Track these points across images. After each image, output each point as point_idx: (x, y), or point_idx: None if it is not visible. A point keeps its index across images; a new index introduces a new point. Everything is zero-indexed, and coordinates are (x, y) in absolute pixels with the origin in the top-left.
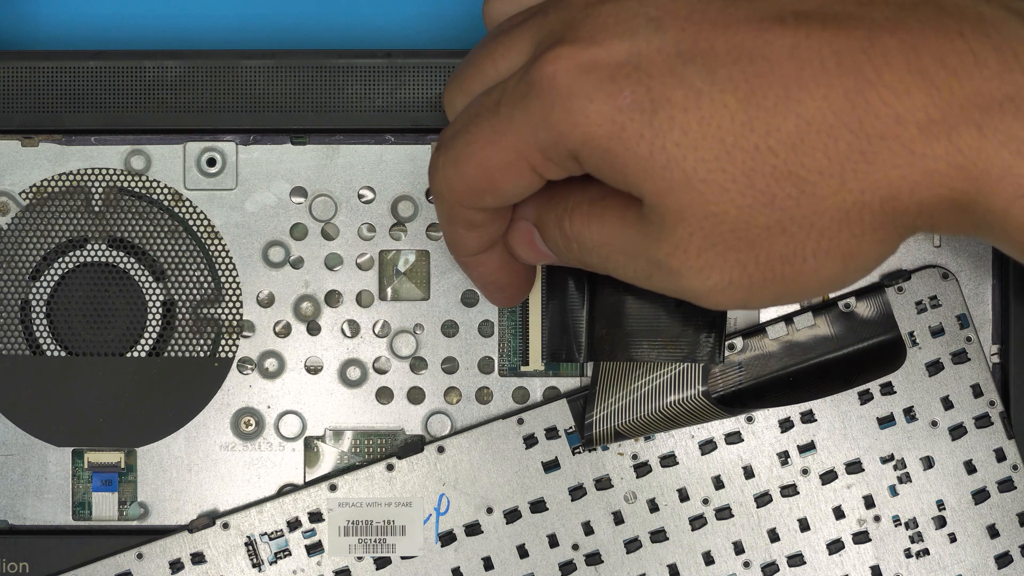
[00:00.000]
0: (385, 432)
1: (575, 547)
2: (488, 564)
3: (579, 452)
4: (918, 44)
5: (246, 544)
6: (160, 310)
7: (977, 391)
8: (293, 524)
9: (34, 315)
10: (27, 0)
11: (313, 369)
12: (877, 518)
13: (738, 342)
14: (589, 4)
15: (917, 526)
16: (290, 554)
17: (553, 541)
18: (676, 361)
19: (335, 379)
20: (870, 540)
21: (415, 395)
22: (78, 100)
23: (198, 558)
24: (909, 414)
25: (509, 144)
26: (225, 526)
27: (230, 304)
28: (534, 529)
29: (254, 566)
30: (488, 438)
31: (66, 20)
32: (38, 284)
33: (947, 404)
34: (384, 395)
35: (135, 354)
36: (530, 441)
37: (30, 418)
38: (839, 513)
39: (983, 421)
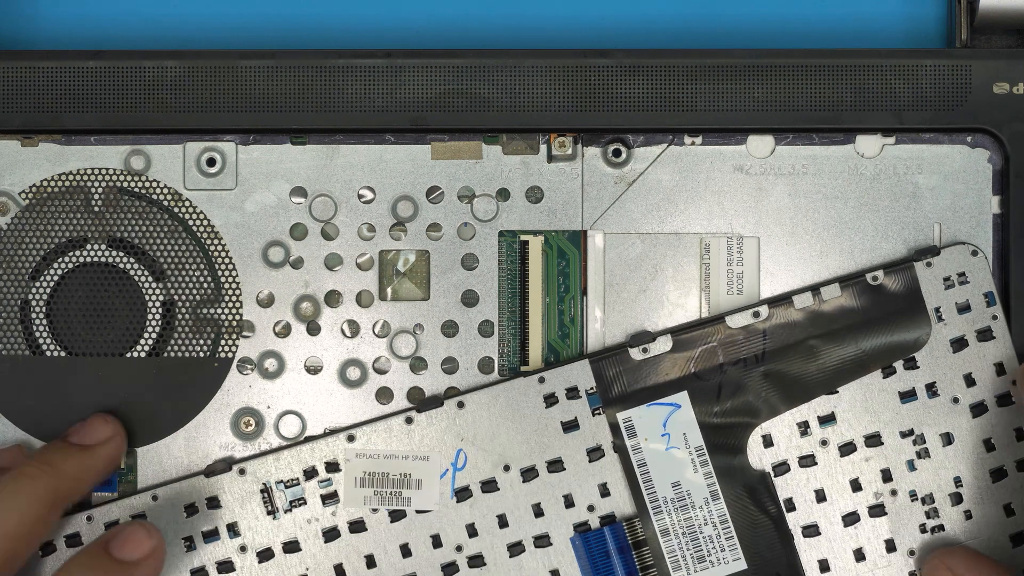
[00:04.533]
0: None
1: (591, 508)
2: (503, 521)
3: (599, 413)
4: None
5: (262, 491)
6: (160, 310)
7: (1000, 369)
8: (310, 473)
9: (34, 315)
10: (27, 0)
11: (313, 369)
12: (894, 492)
13: (763, 310)
14: None
15: (934, 502)
16: (305, 503)
17: (569, 501)
18: None
19: (335, 379)
20: (886, 514)
21: (415, 395)
22: (78, 100)
23: (213, 503)
24: (931, 390)
25: None
26: (241, 472)
27: (230, 304)
28: (550, 488)
29: (269, 513)
30: (509, 395)
31: (66, 20)
32: (38, 284)
33: (969, 381)
34: (384, 395)
35: (135, 354)
36: (550, 400)
37: (30, 418)
38: (856, 485)
39: (1005, 400)
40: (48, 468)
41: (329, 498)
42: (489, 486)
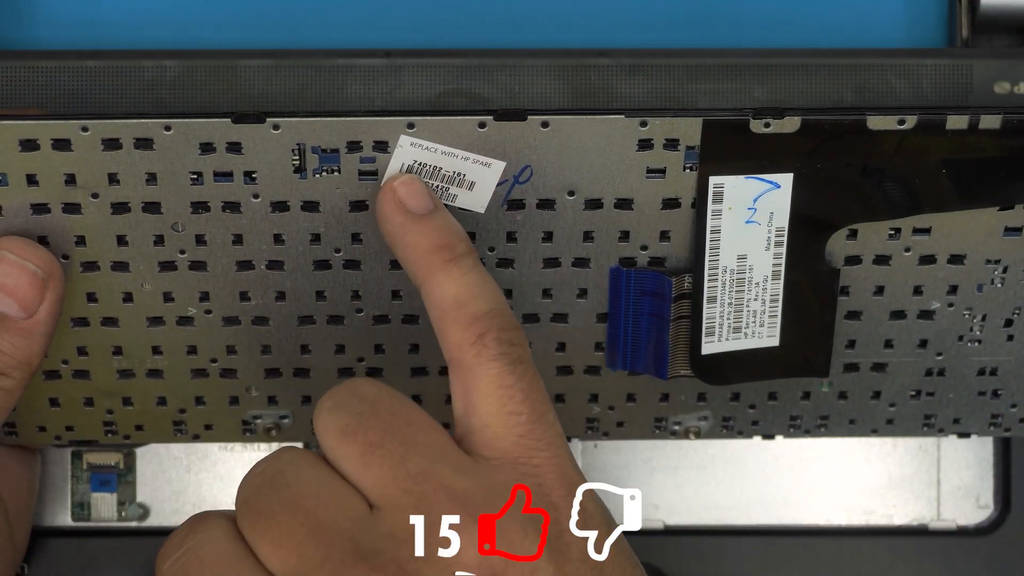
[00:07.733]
0: None
1: (643, 248)
2: (548, 237)
3: (690, 170)
4: None
5: (293, 150)
6: None
7: None
8: (353, 146)
9: None
10: (27, 0)
11: None
12: (951, 305)
13: (910, 119)
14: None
15: (984, 320)
16: (339, 173)
17: (624, 237)
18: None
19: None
20: (932, 319)
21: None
22: (77, 100)
23: (234, 147)
24: None
25: None
26: (275, 127)
27: None
28: (610, 222)
29: (296, 171)
30: (602, 129)
31: (66, 20)
32: None
33: None
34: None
35: None
36: (645, 144)
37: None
38: (918, 291)
39: None
40: None
41: (366, 175)
42: (546, 204)
